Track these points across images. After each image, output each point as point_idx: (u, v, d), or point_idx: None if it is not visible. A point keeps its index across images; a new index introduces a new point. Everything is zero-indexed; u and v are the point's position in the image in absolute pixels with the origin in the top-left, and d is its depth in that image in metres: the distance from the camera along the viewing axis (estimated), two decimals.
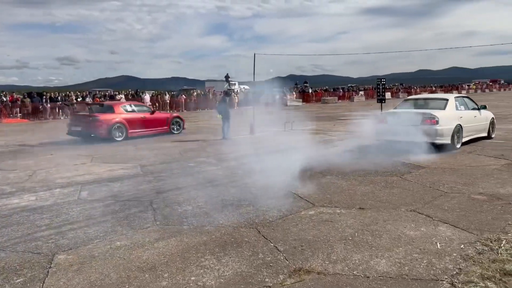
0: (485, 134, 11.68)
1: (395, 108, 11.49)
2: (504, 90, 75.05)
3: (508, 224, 4.70)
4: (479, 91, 68.55)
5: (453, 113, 10.27)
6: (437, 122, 9.70)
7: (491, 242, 4.16)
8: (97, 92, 33.53)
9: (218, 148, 11.72)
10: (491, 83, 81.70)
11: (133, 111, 15.18)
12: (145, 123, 14.97)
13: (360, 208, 5.55)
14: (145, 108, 16.36)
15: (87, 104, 22.96)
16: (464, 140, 10.50)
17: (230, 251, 4.16)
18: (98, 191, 6.95)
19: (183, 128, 16.54)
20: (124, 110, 14.91)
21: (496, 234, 4.39)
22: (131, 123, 14.54)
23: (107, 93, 32.85)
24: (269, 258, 3.96)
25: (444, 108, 10.26)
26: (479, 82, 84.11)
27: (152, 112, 15.82)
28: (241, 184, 7.10)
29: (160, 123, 15.71)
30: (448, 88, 64.11)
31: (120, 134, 14.20)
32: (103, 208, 5.89)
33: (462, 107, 10.86)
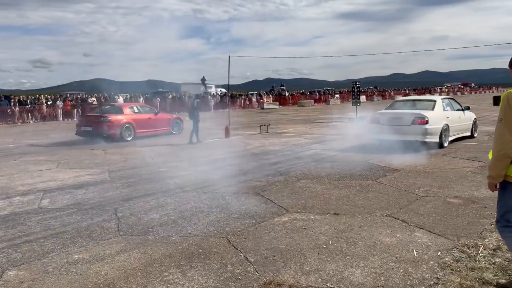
0: (468, 134, 12.33)
1: (386, 108, 11.83)
2: (475, 93, 77.23)
3: (485, 229, 4.59)
4: (451, 94, 70.24)
5: (441, 114, 10.81)
6: (427, 122, 10.20)
7: (469, 248, 4.02)
8: (69, 95, 32.54)
9: (191, 152, 11.40)
10: (462, 86, 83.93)
11: (139, 112, 15.59)
12: (150, 124, 15.32)
13: (335, 213, 5.36)
14: (149, 109, 16.53)
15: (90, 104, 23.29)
16: (450, 138, 11.02)
17: (197, 263, 3.89)
18: (60, 199, 6.55)
19: (182, 129, 16.70)
20: (132, 111, 15.33)
21: (473, 239, 4.27)
22: (139, 123, 14.95)
23: (78, 96, 31.93)
24: (239, 271, 3.70)
25: (432, 109, 10.78)
26: (451, 85, 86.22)
27: (156, 113, 16.09)
28: (213, 190, 6.82)
29: (162, 123, 16.07)
30: (421, 91, 65.39)
31: (129, 134, 14.59)
32: (64, 218, 5.52)
33: (449, 108, 11.45)
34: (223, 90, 44.00)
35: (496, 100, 3.43)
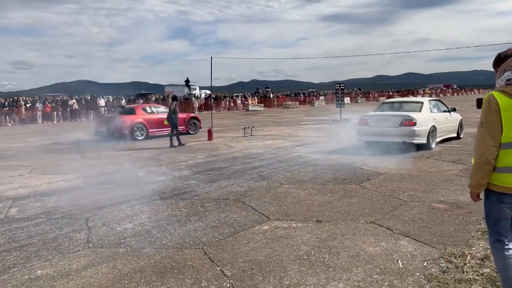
0: (455, 135, 12.44)
1: (374, 110, 11.82)
2: (457, 94, 78.38)
3: (471, 236, 4.43)
4: (434, 95, 71.11)
5: (428, 115, 10.88)
6: (414, 124, 10.25)
7: (456, 258, 3.85)
8: (48, 97, 31.80)
9: (172, 156, 11.09)
10: (444, 88, 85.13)
11: (152, 112, 16.24)
12: (163, 123, 15.13)
13: (317, 220, 5.15)
14: (163, 110, 16.66)
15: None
16: (437, 140, 11.12)
17: (169, 279, 3.62)
18: (30, 208, 6.20)
19: (200, 128, 17.27)
20: (144, 112, 16.02)
21: (460, 248, 4.09)
22: (151, 123, 15.60)
23: (58, 98, 31.23)
24: (214, 286, 3.45)
25: (420, 111, 10.84)
26: (434, 87, 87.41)
27: None
28: (192, 196, 6.56)
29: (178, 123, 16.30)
30: (405, 93, 66.10)
31: (141, 133, 15.29)
32: (31, 228, 5.18)
33: (435, 110, 11.53)
34: (208, 92, 43.67)
35: (480, 103, 3.21)
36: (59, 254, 4.30)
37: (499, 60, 2.80)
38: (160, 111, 16.37)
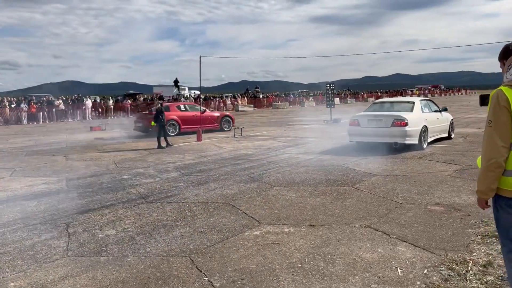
0: (446, 135, 12.34)
1: (365, 111, 11.67)
2: (445, 95, 79.03)
3: (471, 240, 4.24)
4: (422, 96, 71.56)
5: (420, 115, 10.77)
6: (406, 124, 10.13)
7: (457, 265, 3.65)
8: (33, 98, 31.15)
9: (159, 157, 10.79)
10: (432, 89, 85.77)
11: (185, 110, 17.64)
12: (196, 121, 16.70)
13: (310, 225, 4.93)
14: (197, 108, 18.22)
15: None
16: (429, 140, 10.99)
17: None
18: (7, 213, 5.87)
19: (233, 126, 18.15)
20: (178, 109, 17.39)
21: (460, 253, 3.90)
22: (184, 120, 16.87)
23: (44, 99, 30.61)
24: None
25: (411, 111, 10.71)
26: (421, 87, 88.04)
27: (203, 112, 17.57)
28: (180, 200, 6.29)
29: (210, 121, 17.81)
30: (393, 93, 66.38)
31: (173, 130, 16.43)
32: (7, 235, 4.87)
33: (427, 110, 11.40)
34: (197, 92, 43.25)
35: (484, 100, 2.91)
36: (35, 263, 4.01)
37: (507, 53, 2.57)
38: (193, 109, 17.90)
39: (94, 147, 13.45)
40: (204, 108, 18.93)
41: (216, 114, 19.18)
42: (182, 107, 17.98)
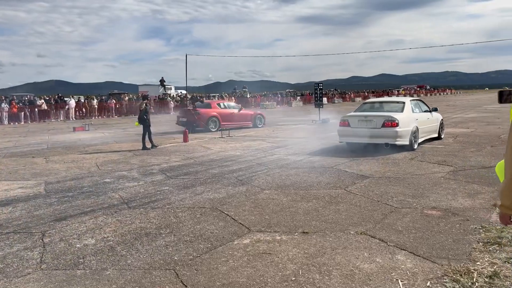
0: (436, 135, 12.21)
1: (355, 111, 11.47)
2: (430, 94, 79.80)
3: (473, 248, 4.02)
4: (408, 95, 72.09)
5: (410, 116, 10.62)
6: (397, 125, 9.96)
7: (461, 276, 3.41)
8: (15, 97, 30.33)
9: (144, 159, 10.41)
10: (418, 89, 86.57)
11: (225, 107, 18.83)
12: (233, 118, 18.29)
13: (303, 232, 4.66)
14: (234, 105, 19.92)
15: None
16: (420, 140, 10.84)
17: None
18: None
19: (264, 124, 19.51)
20: (218, 107, 18.58)
21: (463, 263, 3.67)
22: (223, 117, 17.97)
23: (26, 98, 29.82)
24: None
25: (402, 111, 10.55)
26: (407, 87, 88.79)
27: (240, 109, 19.02)
28: (165, 205, 5.96)
29: (245, 118, 18.98)
30: (380, 93, 66.72)
31: (214, 126, 17.53)
32: None
33: (417, 110, 11.27)
34: (184, 91, 42.76)
35: (502, 96, 2.51)
36: (4, 278, 3.66)
37: None
38: (231, 107, 19.27)
39: (76, 148, 13.00)
40: (240, 106, 20.11)
41: (250, 112, 20.36)
42: (222, 104, 19.14)
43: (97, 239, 4.58)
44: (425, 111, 11.62)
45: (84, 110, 31.26)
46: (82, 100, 32.95)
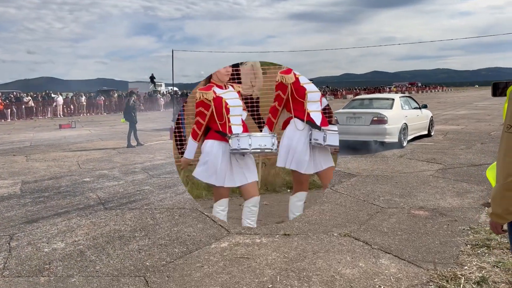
0: (425, 132, 12.04)
1: (344, 108, 11.28)
2: (422, 92, 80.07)
3: (461, 251, 3.84)
4: (399, 93, 72.22)
5: (400, 113, 10.44)
6: (386, 122, 9.75)
7: (447, 281, 3.23)
8: (1, 94, 29.76)
9: (127, 157, 10.14)
10: (410, 86, 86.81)
11: None
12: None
13: (285, 234, 4.46)
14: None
15: None
16: (409, 138, 10.68)
17: None
18: None
19: None
20: None
21: (450, 267, 3.49)
22: None
23: (12, 95, 29.27)
24: None
25: (391, 108, 10.37)
26: (399, 85, 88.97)
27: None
28: (143, 205, 5.72)
29: None
30: (372, 90, 66.75)
31: None
32: None
33: (407, 106, 11.10)
34: (175, 88, 42.35)
35: (497, 89, 2.22)
36: None
37: None
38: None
39: (59, 146, 12.67)
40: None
41: None
42: None
43: (67, 242, 4.33)
44: (414, 108, 11.46)
45: (72, 107, 30.79)
46: (70, 97, 32.45)
